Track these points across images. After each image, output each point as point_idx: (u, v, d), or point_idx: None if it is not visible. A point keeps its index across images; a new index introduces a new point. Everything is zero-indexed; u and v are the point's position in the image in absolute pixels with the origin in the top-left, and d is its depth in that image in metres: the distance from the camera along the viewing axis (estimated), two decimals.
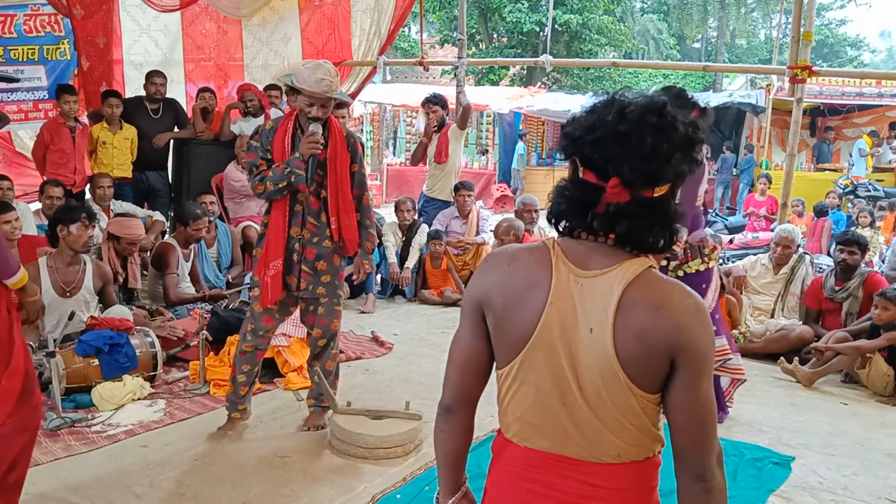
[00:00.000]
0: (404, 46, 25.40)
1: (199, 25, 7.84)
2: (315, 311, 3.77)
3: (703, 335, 1.34)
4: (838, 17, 36.89)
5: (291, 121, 3.61)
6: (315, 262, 3.66)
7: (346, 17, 8.43)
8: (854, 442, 3.95)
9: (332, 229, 3.64)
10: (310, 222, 3.63)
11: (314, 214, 3.63)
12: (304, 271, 3.66)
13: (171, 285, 5.28)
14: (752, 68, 18.97)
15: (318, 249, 3.66)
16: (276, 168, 3.51)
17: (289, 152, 3.55)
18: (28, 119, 7.27)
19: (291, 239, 3.63)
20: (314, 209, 3.62)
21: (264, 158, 3.58)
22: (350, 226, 3.68)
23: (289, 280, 3.66)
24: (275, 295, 3.60)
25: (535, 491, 1.44)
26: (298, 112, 3.59)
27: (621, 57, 24.84)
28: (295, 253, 3.64)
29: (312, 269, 3.67)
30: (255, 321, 3.68)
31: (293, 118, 3.62)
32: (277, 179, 3.49)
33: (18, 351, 2.59)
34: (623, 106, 1.36)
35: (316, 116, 3.52)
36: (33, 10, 7.15)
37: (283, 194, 3.55)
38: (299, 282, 3.67)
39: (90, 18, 6.65)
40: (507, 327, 1.43)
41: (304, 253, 3.64)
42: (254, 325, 3.68)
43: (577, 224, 1.41)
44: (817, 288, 5.53)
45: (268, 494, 3.11)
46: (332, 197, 3.62)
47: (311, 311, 3.80)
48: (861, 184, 11.21)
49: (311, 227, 3.63)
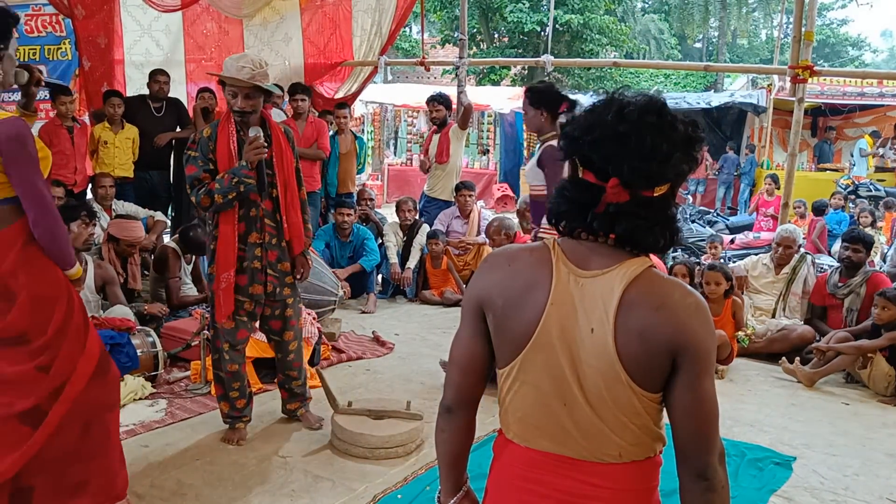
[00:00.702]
0: (405, 46, 25.42)
1: (201, 25, 7.83)
2: (282, 315, 3.67)
3: (704, 334, 1.34)
4: (840, 17, 36.88)
5: (231, 125, 3.42)
6: (278, 263, 3.57)
7: (347, 18, 8.42)
8: (855, 442, 3.95)
9: (285, 228, 3.54)
10: (268, 224, 3.51)
11: (269, 216, 3.51)
12: (270, 275, 3.55)
13: (174, 290, 5.28)
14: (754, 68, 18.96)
15: (279, 251, 3.56)
16: (221, 179, 3.33)
17: (235, 158, 3.39)
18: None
19: (252, 246, 3.48)
20: (269, 210, 3.50)
21: (207, 170, 3.39)
22: (297, 223, 3.58)
23: (254, 290, 3.52)
24: (228, 308, 3.44)
25: (535, 491, 1.44)
26: (230, 110, 3.41)
27: (622, 57, 24.80)
28: (258, 259, 3.51)
29: (277, 272, 3.57)
30: (231, 337, 3.55)
31: (231, 122, 3.43)
32: (226, 191, 3.32)
33: (93, 335, 2.63)
34: (622, 106, 1.35)
35: (241, 109, 3.34)
36: (34, 10, 7.15)
37: (231, 206, 3.39)
38: (266, 287, 3.55)
39: (91, 18, 6.65)
40: (508, 327, 1.43)
41: (267, 256, 3.53)
42: (230, 341, 3.55)
43: (578, 224, 1.41)
44: (822, 284, 5.56)
45: (269, 494, 3.11)
46: (282, 195, 3.51)
47: (276, 315, 3.66)
48: (862, 184, 11.21)
49: (269, 229, 3.51)
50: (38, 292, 2.46)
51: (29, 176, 2.39)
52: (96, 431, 2.63)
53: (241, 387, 3.65)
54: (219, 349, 3.60)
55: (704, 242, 8.37)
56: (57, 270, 2.53)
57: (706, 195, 14.66)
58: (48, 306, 2.48)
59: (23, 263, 2.43)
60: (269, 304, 3.62)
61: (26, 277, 2.43)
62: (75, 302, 2.60)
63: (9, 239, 2.42)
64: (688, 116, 1.40)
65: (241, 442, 3.60)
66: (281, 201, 3.51)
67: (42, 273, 2.48)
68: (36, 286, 2.45)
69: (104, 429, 2.67)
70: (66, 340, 2.52)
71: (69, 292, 2.57)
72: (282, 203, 3.52)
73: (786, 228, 5.98)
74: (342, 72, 8.59)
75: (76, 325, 2.57)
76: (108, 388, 2.69)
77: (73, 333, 2.54)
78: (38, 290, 2.46)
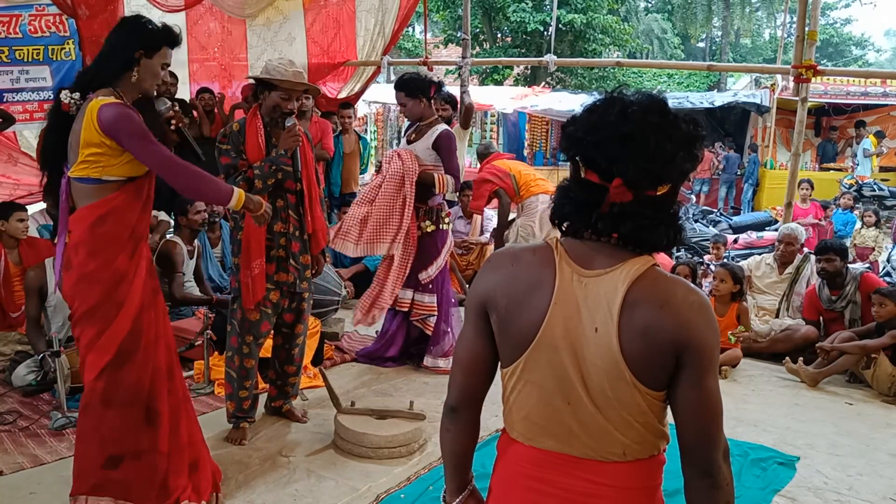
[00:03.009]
0: (408, 46, 25.44)
1: (204, 25, 7.83)
2: (298, 308, 3.73)
3: (708, 332, 1.34)
4: (843, 17, 36.87)
5: (258, 120, 3.54)
6: (300, 255, 3.64)
7: (351, 17, 8.42)
8: (859, 442, 3.94)
9: (307, 221, 3.63)
10: (292, 216, 3.59)
11: (293, 208, 3.60)
12: (291, 265, 3.61)
13: (177, 285, 5.28)
14: (757, 68, 18.95)
15: (301, 243, 3.64)
16: (261, 166, 3.43)
17: (264, 151, 3.50)
18: (33, 119, 7.27)
19: (278, 235, 3.56)
20: (293, 203, 3.60)
21: (242, 160, 3.52)
22: (321, 217, 3.70)
23: (280, 278, 3.59)
24: (259, 294, 3.50)
25: (540, 490, 1.44)
26: (269, 109, 3.52)
27: (625, 56, 24.82)
28: (283, 248, 3.59)
29: (298, 264, 3.63)
30: (255, 330, 3.57)
31: (258, 117, 3.54)
32: (265, 176, 3.43)
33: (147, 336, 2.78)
34: (625, 105, 1.35)
35: (295, 109, 3.53)
36: (38, 10, 7.15)
37: (267, 192, 3.46)
38: (287, 277, 3.62)
39: (95, 18, 6.65)
40: (511, 327, 1.43)
41: (291, 247, 3.60)
42: (255, 334, 3.58)
43: (582, 224, 1.41)
44: (814, 299, 5.45)
45: (272, 494, 3.12)
46: (306, 189, 3.60)
47: (291, 308, 3.72)
48: (866, 183, 11.20)
49: (293, 220, 3.60)
50: (85, 271, 2.65)
51: (145, 147, 2.59)
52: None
53: (251, 385, 3.67)
54: (236, 345, 3.60)
55: (708, 242, 8.36)
56: (118, 261, 2.68)
57: (710, 195, 14.65)
58: (90, 286, 2.65)
59: (85, 242, 2.64)
60: (286, 296, 3.68)
61: (84, 256, 2.64)
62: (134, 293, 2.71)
63: (82, 216, 2.66)
64: (689, 116, 1.40)
65: (244, 442, 3.61)
66: (305, 195, 3.62)
67: (98, 256, 2.65)
68: (86, 265, 2.64)
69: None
70: (92, 323, 2.66)
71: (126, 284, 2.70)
72: (306, 196, 3.62)
73: (788, 226, 5.98)
74: (345, 72, 8.59)
75: (104, 314, 2.66)
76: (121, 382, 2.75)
77: (101, 320, 2.66)
78: (87, 269, 2.65)
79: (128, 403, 2.71)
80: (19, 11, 7.04)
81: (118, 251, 2.68)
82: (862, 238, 8.75)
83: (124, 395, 2.70)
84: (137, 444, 2.74)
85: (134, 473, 2.73)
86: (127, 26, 2.80)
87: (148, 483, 2.75)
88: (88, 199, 2.65)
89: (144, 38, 2.74)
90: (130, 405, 2.72)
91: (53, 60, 7.38)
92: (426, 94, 4.56)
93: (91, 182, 2.62)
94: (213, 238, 6.12)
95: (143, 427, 2.75)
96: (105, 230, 2.65)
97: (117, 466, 2.71)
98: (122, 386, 2.70)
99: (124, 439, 2.72)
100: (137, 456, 2.74)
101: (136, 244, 2.74)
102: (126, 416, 2.71)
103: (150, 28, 2.78)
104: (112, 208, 2.65)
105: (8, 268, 4.84)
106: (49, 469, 3.25)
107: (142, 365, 2.73)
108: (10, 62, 7.07)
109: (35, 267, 4.42)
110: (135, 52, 2.69)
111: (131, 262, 2.72)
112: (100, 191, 2.64)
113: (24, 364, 4.19)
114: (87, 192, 2.64)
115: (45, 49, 7.31)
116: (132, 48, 2.70)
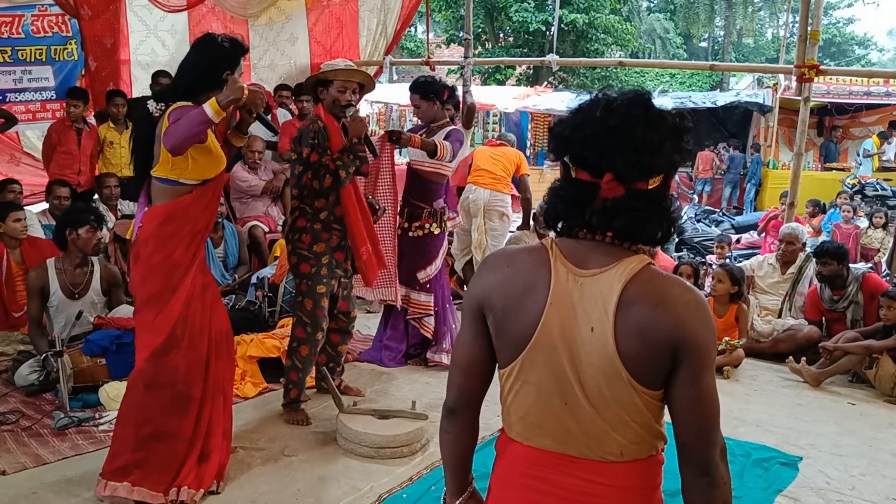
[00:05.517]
0: (410, 46, 25.43)
1: (206, 25, 7.83)
2: (348, 296, 4.06)
3: (704, 330, 1.34)
4: (846, 16, 36.77)
5: (329, 116, 3.77)
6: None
7: (353, 17, 8.43)
8: (862, 442, 3.94)
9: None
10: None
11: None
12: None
13: None
14: (759, 67, 18.93)
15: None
16: (341, 158, 3.68)
17: (341, 143, 3.75)
18: (36, 119, 7.29)
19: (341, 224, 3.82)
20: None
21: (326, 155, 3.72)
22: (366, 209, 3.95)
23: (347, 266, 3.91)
24: (374, 274, 3.89)
25: (538, 489, 1.44)
26: (329, 104, 3.77)
27: (628, 56, 24.80)
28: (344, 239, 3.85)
29: (350, 255, 3.90)
30: (320, 324, 3.78)
31: (328, 114, 3.79)
32: (348, 166, 3.69)
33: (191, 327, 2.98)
34: (610, 101, 1.38)
35: (350, 101, 3.75)
36: (41, 10, 7.17)
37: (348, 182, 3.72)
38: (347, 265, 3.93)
39: (97, 19, 6.67)
40: (508, 328, 1.43)
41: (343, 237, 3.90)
42: (322, 329, 3.79)
43: (576, 223, 1.42)
44: (816, 299, 5.46)
45: (274, 494, 3.11)
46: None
47: (345, 296, 4.04)
48: (868, 183, 11.17)
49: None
50: (151, 263, 2.89)
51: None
52: None
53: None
54: (303, 336, 3.77)
55: (711, 242, 8.36)
56: (176, 253, 2.89)
57: (712, 195, 14.64)
58: (153, 276, 2.89)
59: (155, 237, 2.88)
60: (341, 286, 3.98)
61: (152, 249, 2.88)
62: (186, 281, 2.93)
63: (155, 214, 2.90)
64: (692, 116, 1.41)
65: (309, 422, 3.82)
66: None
67: (162, 249, 2.88)
68: (152, 258, 2.88)
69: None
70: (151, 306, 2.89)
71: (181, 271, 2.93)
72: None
73: (789, 226, 5.98)
74: None
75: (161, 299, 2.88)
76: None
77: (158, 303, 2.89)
78: (153, 261, 2.88)
79: (166, 386, 2.89)
80: (22, 12, 7.06)
81: (177, 244, 2.91)
82: (868, 238, 8.74)
83: (164, 379, 2.89)
84: (165, 427, 2.90)
85: (155, 456, 2.88)
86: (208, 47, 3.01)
87: (165, 467, 2.89)
88: (165, 198, 2.89)
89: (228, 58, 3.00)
90: (168, 388, 2.90)
91: (56, 60, 7.40)
92: (440, 97, 4.74)
93: (170, 183, 2.87)
94: (216, 238, 6.12)
95: (173, 411, 2.91)
96: (172, 227, 2.89)
97: (144, 447, 2.87)
98: (166, 370, 2.89)
99: (155, 420, 2.88)
100: (160, 437, 2.89)
101: (194, 238, 2.96)
102: (161, 398, 2.89)
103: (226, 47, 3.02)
104: (182, 207, 2.90)
105: (10, 268, 4.84)
106: (51, 469, 3.25)
107: (186, 352, 2.92)
108: (13, 62, 7.09)
109: (37, 267, 4.42)
110: (223, 73, 2.94)
111: (186, 253, 2.93)
112: (176, 192, 2.89)
113: (27, 364, 4.19)
114: (165, 191, 2.89)
115: (48, 49, 7.33)
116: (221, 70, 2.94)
